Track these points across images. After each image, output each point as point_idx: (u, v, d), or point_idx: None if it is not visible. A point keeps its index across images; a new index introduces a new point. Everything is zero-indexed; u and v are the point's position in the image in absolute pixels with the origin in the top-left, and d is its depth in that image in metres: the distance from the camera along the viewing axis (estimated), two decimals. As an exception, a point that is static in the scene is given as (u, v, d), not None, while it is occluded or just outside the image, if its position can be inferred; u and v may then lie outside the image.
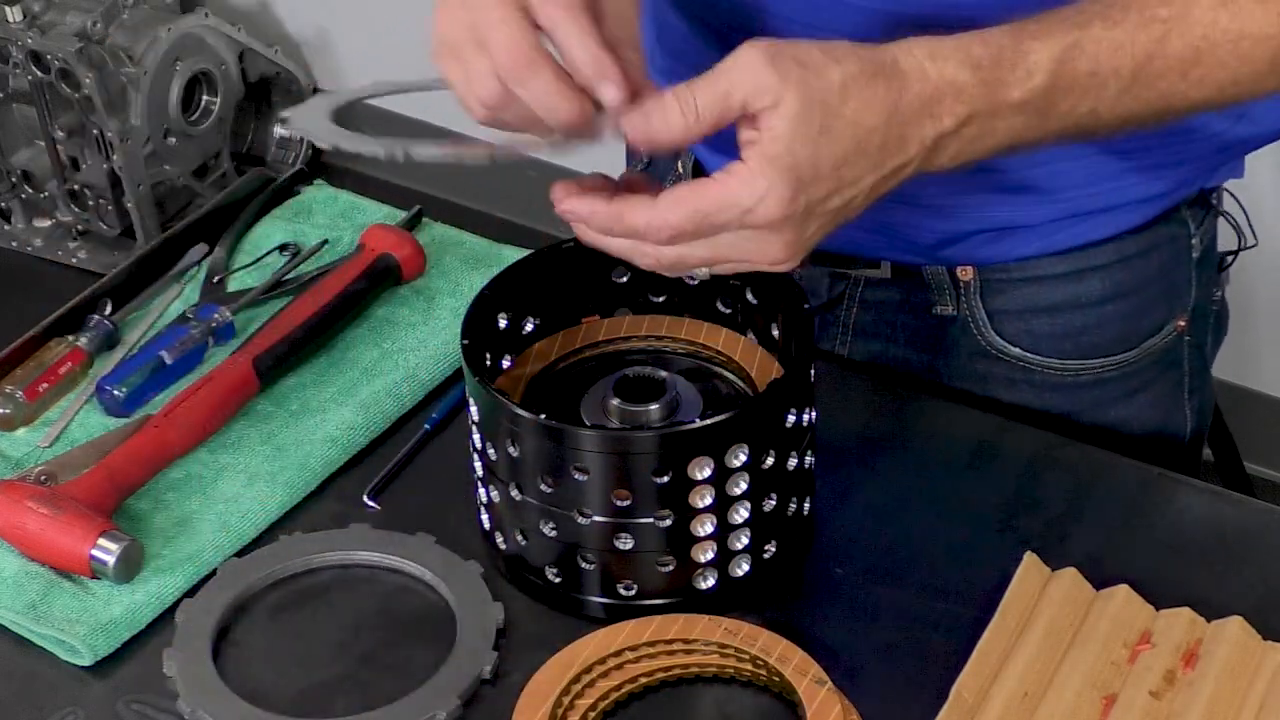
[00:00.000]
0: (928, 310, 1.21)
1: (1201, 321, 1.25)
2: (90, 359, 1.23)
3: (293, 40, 2.96)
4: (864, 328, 1.25)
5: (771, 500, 1.02)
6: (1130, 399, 1.23)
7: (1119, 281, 1.19)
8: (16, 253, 1.52)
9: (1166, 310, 1.22)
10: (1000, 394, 1.22)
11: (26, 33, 2.07)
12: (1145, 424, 1.24)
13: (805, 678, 0.96)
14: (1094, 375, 1.22)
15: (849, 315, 1.25)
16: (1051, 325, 1.20)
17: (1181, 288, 1.22)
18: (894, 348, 1.24)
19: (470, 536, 1.08)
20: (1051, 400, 1.22)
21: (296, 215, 1.36)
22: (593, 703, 0.98)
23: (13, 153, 1.89)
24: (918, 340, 1.23)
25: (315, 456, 1.15)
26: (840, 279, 1.24)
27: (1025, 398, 1.22)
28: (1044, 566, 1.03)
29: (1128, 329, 1.21)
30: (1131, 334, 1.21)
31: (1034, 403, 1.22)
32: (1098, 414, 1.23)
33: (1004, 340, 1.21)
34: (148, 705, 1.01)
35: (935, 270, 1.20)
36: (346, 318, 1.24)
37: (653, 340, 1.15)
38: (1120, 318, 1.21)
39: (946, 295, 1.20)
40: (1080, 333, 1.20)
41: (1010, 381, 1.22)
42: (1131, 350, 1.22)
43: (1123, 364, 1.22)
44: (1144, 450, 1.22)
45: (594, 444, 0.98)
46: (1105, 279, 1.19)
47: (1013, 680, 0.96)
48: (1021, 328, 1.20)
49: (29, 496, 1.07)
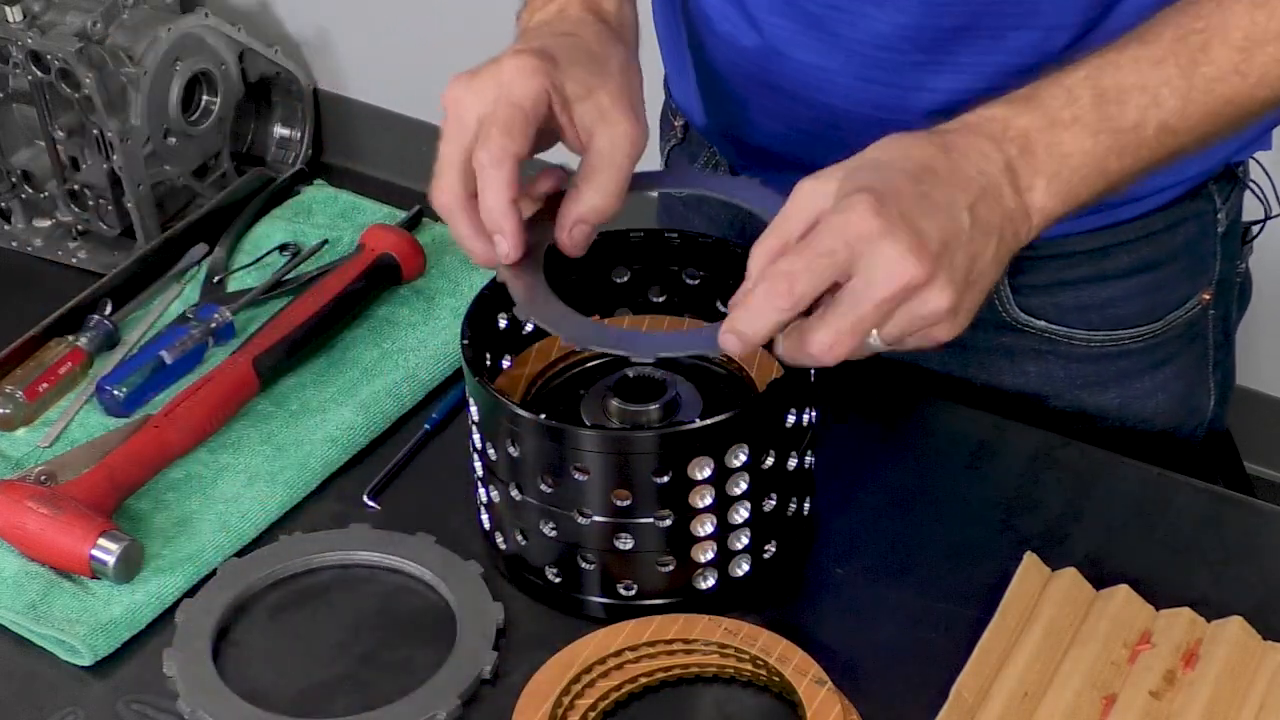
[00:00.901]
0: None
1: (1225, 293, 1.27)
2: (90, 359, 1.23)
3: (293, 40, 2.96)
4: None
5: (771, 500, 1.02)
6: (1156, 371, 1.24)
7: (1145, 256, 1.20)
8: (16, 253, 1.52)
9: (1191, 284, 1.23)
10: (1028, 366, 1.23)
11: (26, 33, 2.07)
12: (1170, 395, 1.26)
13: (805, 678, 0.96)
14: (1120, 347, 1.23)
15: None
16: (1077, 298, 1.21)
17: (1207, 261, 1.23)
18: None
19: (470, 536, 1.08)
20: (1078, 372, 1.23)
21: (296, 215, 1.36)
22: (593, 703, 0.98)
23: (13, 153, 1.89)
24: None
25: (315, 456, 1.15)
26: None
27: (1051, 370, 1.23)
28: (1044, 566, 1.03)
29: (1153, 302, 1.22)
30: (1157, 307, 1.23)
31: (1059, 375, 1.23)
32: (1123, 385, 1.24)
33: (1028, 315, 1.21)
34: (148, 705, 1.01)
35: None
36: (346, 318, 1.24)
37: (653, 340, 1.15)
38: (1145, 291, 1.22)
39: None
40: (1106, 305, 1.21)
41: (1037, 353, 1.23)
42: (1157, 323, 1.23)
43: (1148, 336, 1.23)
44: (1169, 421, 1.24)
45: (594, 444, 0.98)
46: (1131, 254, 1.20)
47: (1013, 680, 0.96)
48: (1047, 301, 1.21)
49: (29, 496, 1.07)
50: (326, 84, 2.98)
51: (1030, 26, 1.08)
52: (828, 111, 1.14)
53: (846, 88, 1.13)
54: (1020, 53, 1.09)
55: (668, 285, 1.13)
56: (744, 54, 1.17)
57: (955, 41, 1.10)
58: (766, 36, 1.15)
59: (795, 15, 1.13)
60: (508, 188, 0.96)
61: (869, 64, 1.12)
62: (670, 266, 1.12)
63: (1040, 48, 1.09)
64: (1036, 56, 1.08)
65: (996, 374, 1.24)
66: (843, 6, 1.11)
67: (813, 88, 1.14)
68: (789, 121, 1.16)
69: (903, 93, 1.12)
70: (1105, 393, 1.24)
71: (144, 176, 2.10)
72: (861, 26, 1.11)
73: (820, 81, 1.13)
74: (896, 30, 1.10)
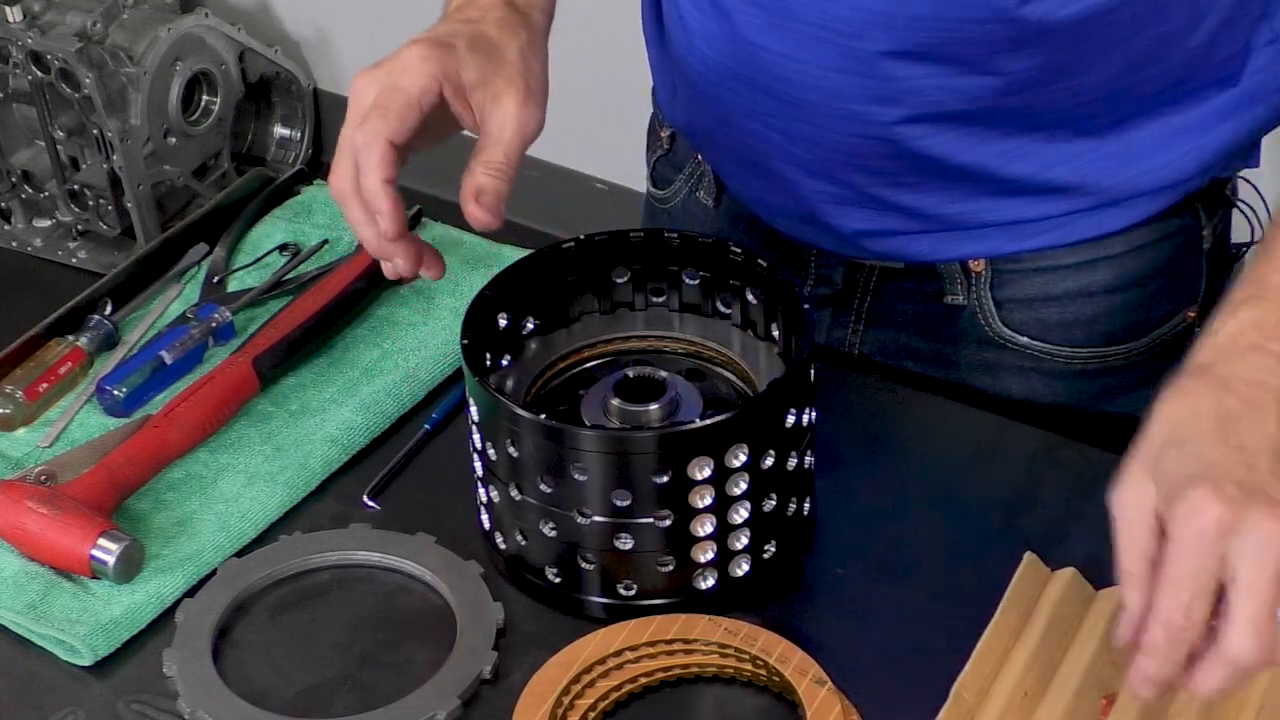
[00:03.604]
0: (939, 299, 1.22)
1: (1213, 313, 1.25)
2: (90, 359, 1.23)
3: (293, 40, 2.96)
4: (876, 316, 1.25)
5: (771, 500, 1.02)
6: (1139, 389, 1.23)
7: (1129, 271, 1.20)
8: (16, 253, 1.52)
9: (1176, 301, 1.22)
10: (1010, 382, 1.23)
11: (26, 33, 2.08)
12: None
13: (805, 678, 0.96)
14: (1103, 364, 1.22)
15: (862, 304, 1.25)
16: (1061, 314, 1.21)
17: (1192, 279, 1.22)
18: (905, 336, 1.25)
19: (470, 536, 1.08)
20: (1060, 389, 1.23)
21: (296, 215, 1.36)
22: (593, 703, 0.98)
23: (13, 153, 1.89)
24: (928, 329, 1.23)
25: (315, 456, 1.15)
26: (856, 269, 1.24)
27: (1034, 386, 1.23)
28: (1044, 566, 1.03)
29: (1137, 319, 1.22)
30: (1141, 324, 1.22)
31: (1043, 391, 1.23)
32: (1106, 403, 1.23)
33: (1011, 330, 1.21)
34: (148, 705, 1.01)
35: (948, 263, 1.20)
36: (346, 318, 1.24)
37: (653, 340, 1.15)
38: (1129, 307, 1.21)
39: (958, 285, 1.21)
40: (1090, 321, 1.21)
41: (1019, 369, 1.22)
42: (1141, 340, 1.22)
43: (1131, 353, 1.22)
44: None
45: (594, 444, 0.98)
46: (1115, 268, 1.19)
47: (1013, 680, 0.96)
48: (1031, 316, 1.21)
49: (29, 496, 1.07)
50: (326, 84, 2.98)
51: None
52: (802, 107, 1.13)
53: (817, 79, 1.11)
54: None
55: (668, 285, 1.13)
56: (716, 45, 1.15)
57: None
58: (736, 24, 1.13)
59: (762, 1, 1.11)
60: (379, 167, 1.01)
61: (840, 53, 1.09)
62: (670, 266, 1.12)
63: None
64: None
65: (978, 389, 1.24)
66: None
67: (784, 80, 1.12)
68: (765, 119, 1.15)
69: (877, 84, 1.09)
70: (1090, 411, 1.23)
71: (144, 176, 2.10)
72: (819, 9, 1.08)
73: (790, 73, 1.12)
74: (861, 15, 1.07)
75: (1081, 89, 1.10)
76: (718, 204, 1.29)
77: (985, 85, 1.08)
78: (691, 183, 1.32)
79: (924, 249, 1.20)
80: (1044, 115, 1.11)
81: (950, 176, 1.14)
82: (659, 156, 1.36)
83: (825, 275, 1.25)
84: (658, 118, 1.35)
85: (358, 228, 1.04)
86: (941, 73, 1.08)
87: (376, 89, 1.03)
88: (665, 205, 1.35)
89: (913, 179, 1.15)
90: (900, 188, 1.16)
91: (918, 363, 1.25)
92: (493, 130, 1.03)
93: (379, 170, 1.01)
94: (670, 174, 1.34)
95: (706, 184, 1.30)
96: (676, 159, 1.33)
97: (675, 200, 1.34)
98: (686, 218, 1.33)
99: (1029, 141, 1.13)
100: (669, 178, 1.35)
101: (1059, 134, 1.13)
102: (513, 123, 1.03)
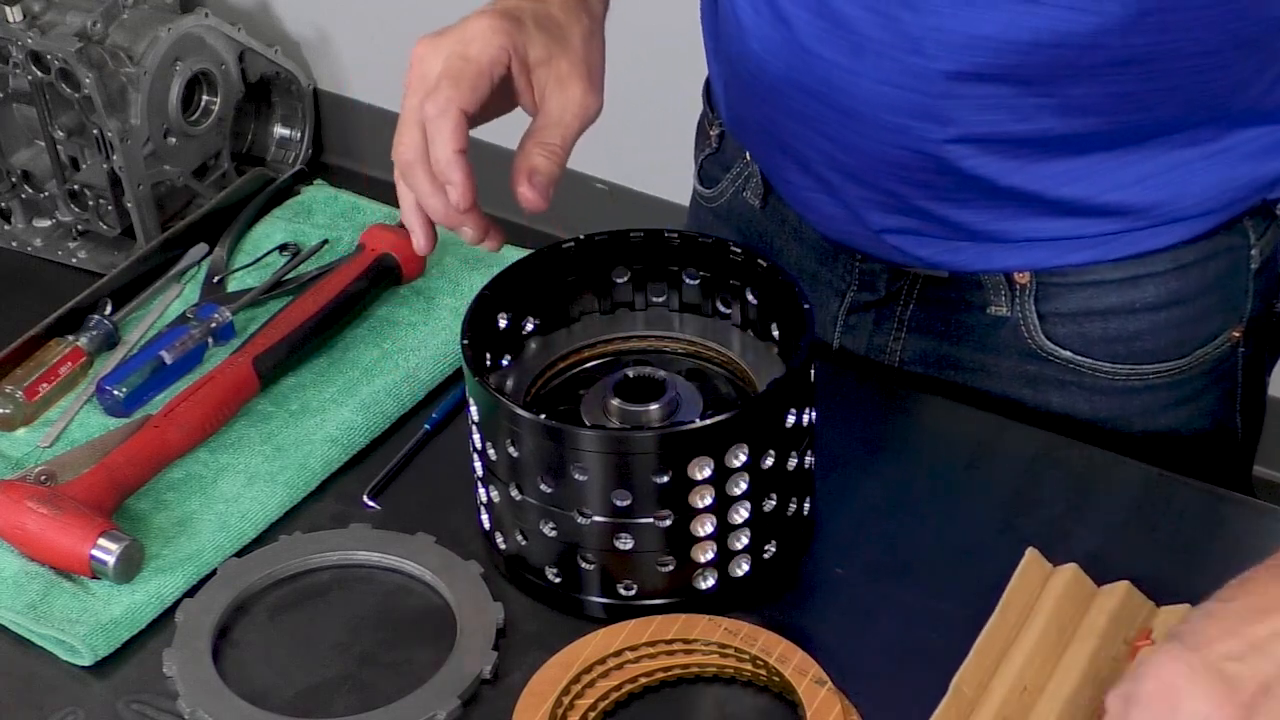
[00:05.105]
0: (983, 310, 1.21)
1: (1259, 333, 1.24)
2: (90, 359, 1.23)
3: (293, 40, 2.96)
4: (919, 325, 1.24)
5: (771, 500, 1.02)
6: (1181, 406, 1.22)
7: (1174, 289, 1.18)
8: (16, 253, 1.52)
9: (1222, 320, 1.21)
10: (1051, 395, 1.22)
11: (26, 33, 2.08)
12: (1195, 433, 1.24)
13: (805, 678, 0.96)
14: (1145, 381, 1.21)
15: (905, 312, 1.24)
16: (1104, 329, 1.19)
17: (1238, 298, 1.21)
18: (946, 345, 1.24)
19: (470, 536, 1.08)
20: (1101, 404, 1.21)
21: (296, 215, 1.36)
22: (593, 703, 0.98)
23: (13, 153, 1.89)
24: (971, 340, 1.22)
25: (315, 456, 1.15)
26: (899, 276, 1.23)
27: (1076, 401, 1.21)
28: (1045, 562, 1.03)
29: (1181, 336, 1.20)
30: (1185, 342, 1.20)
31: (1084, 407, 1.21)
32: (1148, 420, 1.22)
33: (1054, 344, 1.20)
34: (148, 705, 1.01)
35: (993, 274, 1.20)
36: (346, 318, 1.24)
37: (653, 340, 1.15)
38: (1174, 325, 1.20)
39: (1002, 296, 1.20)
40: (1133, 338, 1.20)
41: (1061, 384, 1.21)
42: (1184, 358, 1.21)
43: (1174, 371, 1.21)
44: (1193, 459, 1.22)
45: (594, 444, 0.98)
46: (1160, 286, 1.18)
47: (1012, 674, 0.96)
48: (1074, 330, 1.20)
49: (29, 496, 1.07)
50: (326, 84, 2.98)
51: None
52: (852, 116, 1.12)
53: (871, 92, 1.10)
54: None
55: (668, 285, 1.13)
56: (771, 49, 1.15)
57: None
58: (795, 31, 1.12)
59: (823, 11, 1.10)
60: (452, 137, 0.99)
61: (900, 69, 1.08)
62: (670, 266, 1.12)
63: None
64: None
65: (1018, 402, 1.23)
66: (876, 8, 1.07)
67: (838, 89, 1.12)
68: (814, 124, 1.15)
69: (932, 102, 1.08)
70: (1129, 428, 1.22)
71: (144, 176, 2.10)
72: (892, 29, 1.07)
73: (845, 83, 1.11)
74: (929, 34, 1.06)
75: (1144, 123, 1.09)
76: (764, 205, 1.28)
77: (1044, 108, 1.08)
78: (739, 183, 1.30)
79: (967, 259, 1.19)
80: (1098, 140, 1.10)
81: (998, 196, 1.13)
82: (707, 155, 1.34)
83: (869, 281, 1.24)
84: (708, 116, 1.34)
85: (424, 198, 1.02)
86: (1000, 94, 1.07)
87: (443, 58, 1.01)
88: (711, 204, 1.34)
89: (959, 195, 1.14)
90: (946, 202, 1.15)
91: (959, 373, 1.24)
92: (553, 111, 1.02)
93: (452, 141, 0.99)
94: (718, 173, 1.33)
95: (754, 185, 1.29)
96: (725, 158, 1.32)
97: (721, 200, 1.32)
98: (732, 217, 1.31)
99: (1081, 166, 1.12)
100: (716, 176, 1.33)
101: (1112, 158, 1.12)
102: (575, 107, 1.03)
